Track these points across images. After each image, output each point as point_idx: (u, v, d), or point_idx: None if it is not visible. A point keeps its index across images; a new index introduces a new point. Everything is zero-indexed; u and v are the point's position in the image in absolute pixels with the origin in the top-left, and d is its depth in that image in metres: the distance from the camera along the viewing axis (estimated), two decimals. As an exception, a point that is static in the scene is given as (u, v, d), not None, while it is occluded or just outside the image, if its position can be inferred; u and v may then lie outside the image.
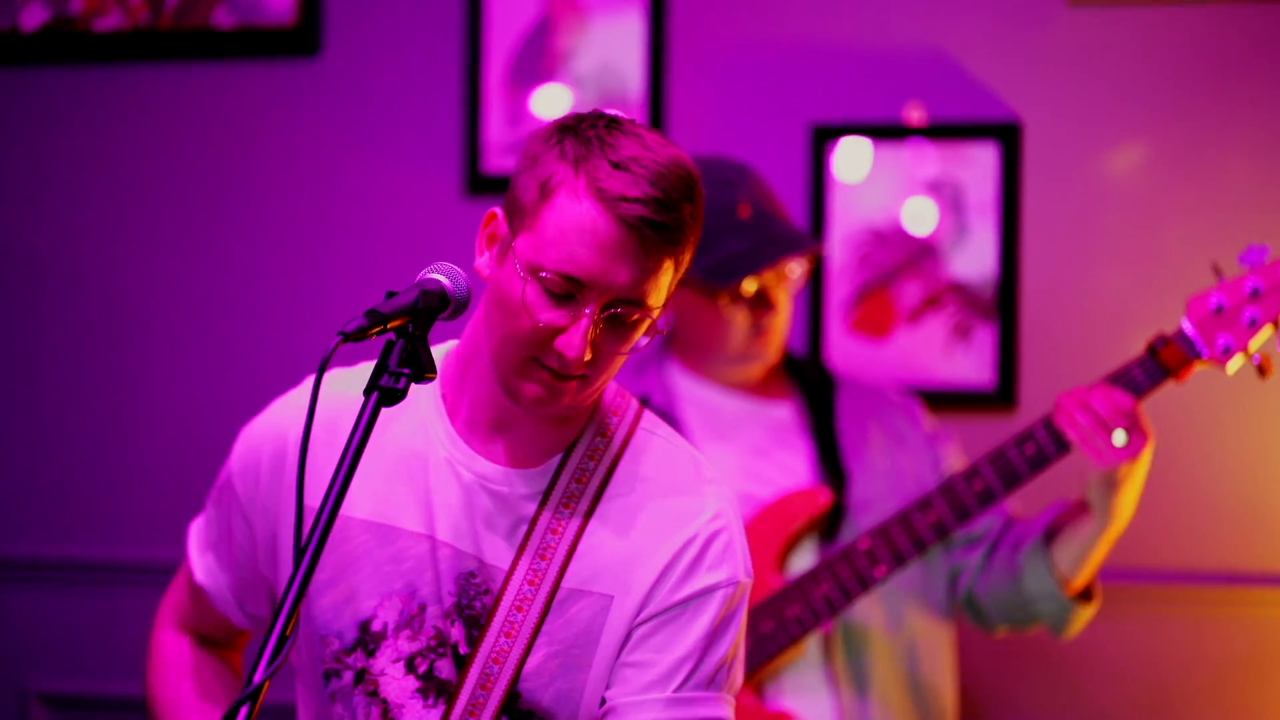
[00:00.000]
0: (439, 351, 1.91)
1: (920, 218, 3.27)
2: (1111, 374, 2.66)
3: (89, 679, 3.45)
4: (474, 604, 1.87)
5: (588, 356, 1.79)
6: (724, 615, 1.88)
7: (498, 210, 1.85)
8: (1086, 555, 2.75)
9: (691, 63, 3.37)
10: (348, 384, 1.91)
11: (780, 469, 2.91)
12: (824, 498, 2.85)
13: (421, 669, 1.88)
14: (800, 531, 2.85)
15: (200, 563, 2.04)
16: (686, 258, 1.84)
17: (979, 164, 3.26)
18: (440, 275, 1.77)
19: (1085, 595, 2.82)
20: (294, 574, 1.62)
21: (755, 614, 2.77)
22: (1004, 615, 2.85)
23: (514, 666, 1.85)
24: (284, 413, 1.97)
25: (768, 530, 2.84)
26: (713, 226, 2.79)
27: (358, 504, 1.88)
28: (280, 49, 3.49)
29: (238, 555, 1.99)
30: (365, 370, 1.93)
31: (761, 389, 2.96)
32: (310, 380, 1.97)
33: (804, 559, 2.85)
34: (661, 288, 1.81)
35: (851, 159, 3.29)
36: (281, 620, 1.60)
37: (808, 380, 2.97)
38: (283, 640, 1.59)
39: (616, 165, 1.77)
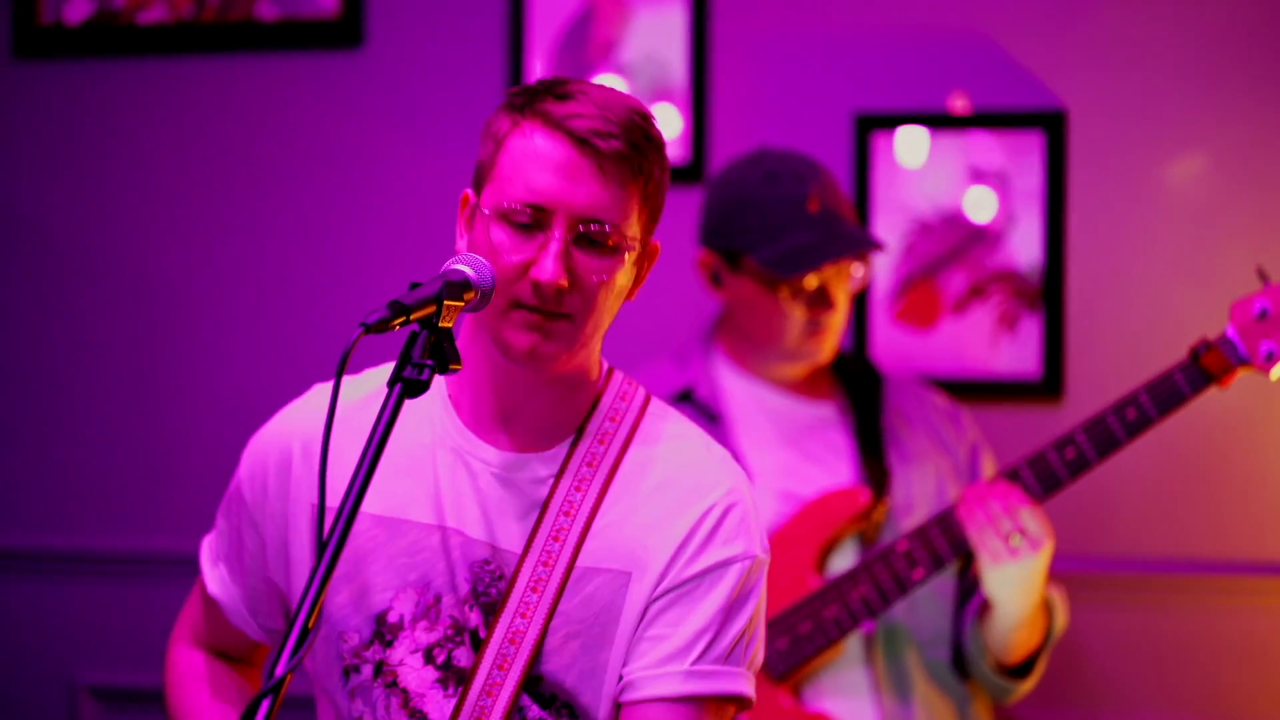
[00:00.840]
0: None
1: (981, 205, 3.24)
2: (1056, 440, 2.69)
3: (137, 671, 3.47)
4: (490, 590, 1.86)
5: (564, 282, 1.78)
6: (741, 589, 1.86)
7: (467, 190, 1.88)
8: (1002, 640, 2.76)
9: (734, 52, 3.36)
10: (352, 390, 1.92)
11: (822, 467, 2.90)
12: (864, 497, 2.83)
13: (440, 659, 1.87)
14: (839, 532, 2.83)
15: (213, 575, 2.02)
16: (655, 201, 1.85)
17: (1025, 152, 3.24)
18: (465, 266, 1.76)
19: (1025, 669, 2.82)
20: (315, 567, 1.61)
21: (793, 614, 2.76)
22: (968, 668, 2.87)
23: (531, 646, 1.84)
24: (290, 421, 1.97)
25: (807, 530, 2.83)
26: (781, 217, 2.80)
27: (367, 500, 1.83)
28: (323, 41, 3.50)
29: (249, 564, 1.98)
30: (369, 377, 1.96)
31: (807, 386, 2.95)
32: (318, 386, 1.99)
33: (845, 560, 2.83)
34: (630, 217, 1.82)
35: (910, 146, 3.26)
36: (304, 613, 1.59)
37: (854, 379, 2.96)
38: (305, 633, 1.59)
39: (562, 96, 1.82)
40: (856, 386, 2.95)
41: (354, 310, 3.45)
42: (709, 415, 2.90)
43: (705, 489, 1.87)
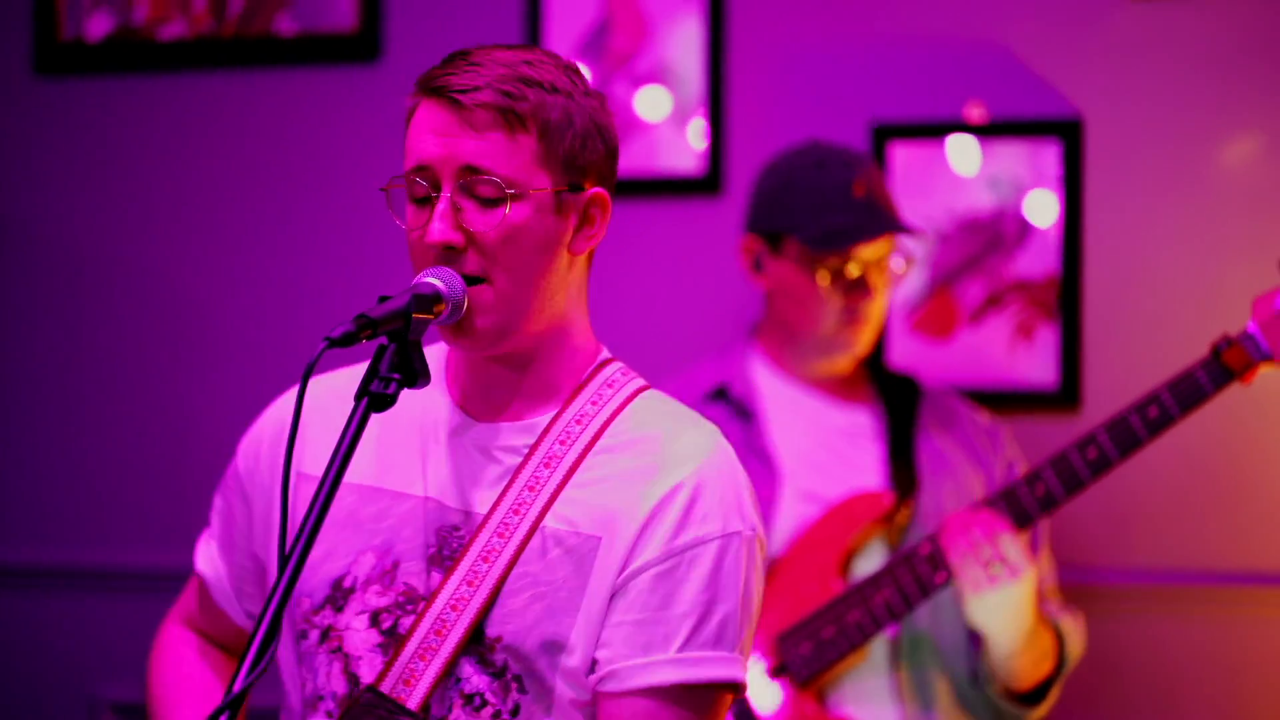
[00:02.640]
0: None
1: (1043, 209, 3.23)
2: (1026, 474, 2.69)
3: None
4: (457, 555, 1.82)
5: (454, 239, 1.77)
6: (724, 568, 1.78)
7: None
8: (1002, 667, 2.75)
9: (751, 62, 3.36)
10: (354, 375, 1.91)
11: (851, 469, 2.90)
12: (887, 500, 2.83)
13: (385, 624, 1.83)
14: (863, 535, 2.83)
15: (204, 553, 2.02)
16: (563, 145, 1.81)
17: (1040, 161, 3.23)
18: (435, 279, 1.75)
19: (1039, 695, 2.81)
20: (277, 581, 1.60)
21: (816, 619, 2.76)
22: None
23: (475, 613, 1.78)
24: (286, 399, 2.00)
25: (830, 534, 2.83)
26: (826, 199, 2.83)
27: (353, 471, 1.80)
28: (341, 55, 3.51)
29: (237, 539, 1.97)
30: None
31: (843, 389, 2.95)
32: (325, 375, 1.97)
33: (871, 564, 2.83)
34: (521, 162, 1.78)
35: (962, 154, 3.25)
36: (264, 625, 1.58)
37: (891, 387, 2.96)
38: (265, 644, 1.58)
39: (444, 63, 1.83)
40: (893, 395, 2.95)
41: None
42: (742, 412, 2.91)
43: (682, 458, 1.81)
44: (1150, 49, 3.21)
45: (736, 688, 1.81)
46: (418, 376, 1.70)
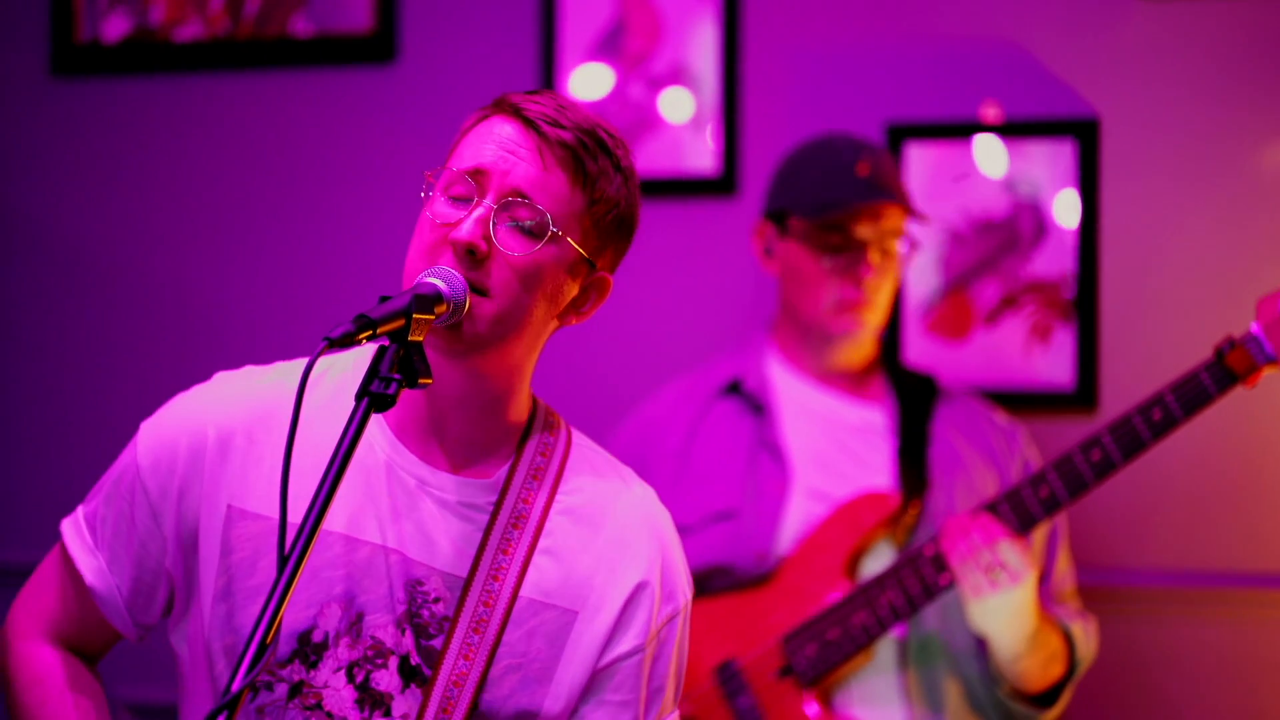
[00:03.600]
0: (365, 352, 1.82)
1: (1071, 209, 3.22)
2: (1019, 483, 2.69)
3: (173, 688, 3.49)
4: (421, 612, 1.82)
5: (480, 244, 1.77)
6: (684, 637, 1.92)
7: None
8: (1010, 670, 2.75)
9: (765, 63, 3.36)
10: (283, 374, 1.90)
11: (862, 467, 2.89)
12: (892, 501, 2.83)
13: (359, 679, 1.82)
14: (869, 536, 2.83)
15: (90, 563, 1.90)
16: (605, 222, 1.84)
17: (1057, 162, 3.23)
18: (436, 279, 1.75)
19: (1051, 697, 2.80)
20: (276, 581, 1.59)
21: (822, 620, 2.75)
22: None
23: (474, 688, 1.81)
24: (199, 408, 1.90)
25: (837, 534, 2.82)
26: (828, 176, 2.85)
27: (294, 508, 1.73)
28: (357, 56, 3.52)
29: (137, 553, 1.89)
30: (280, 370, 1.93)
31: (857, 387, 2.95)
32: (221, 374, 1.95)
33: (879, 565, 2.82)
34: (566, 213, 1.80)
35: (989, 155, 3.25)
36: (263, 628, 1.57)
37: (907, 387, 2.95)
38: (262, 649, 1.57)
39: (529, 92, 1.85)
40: (908, 393, 2.95)
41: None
42: (755, 406, 2.92)
43: (645, 532, 1.88)
44: (1166, 49, 3.21)
45: None
46: (418, 377, 1.70)
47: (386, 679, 1.82)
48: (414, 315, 1.70)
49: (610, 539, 1.86)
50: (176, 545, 1.88)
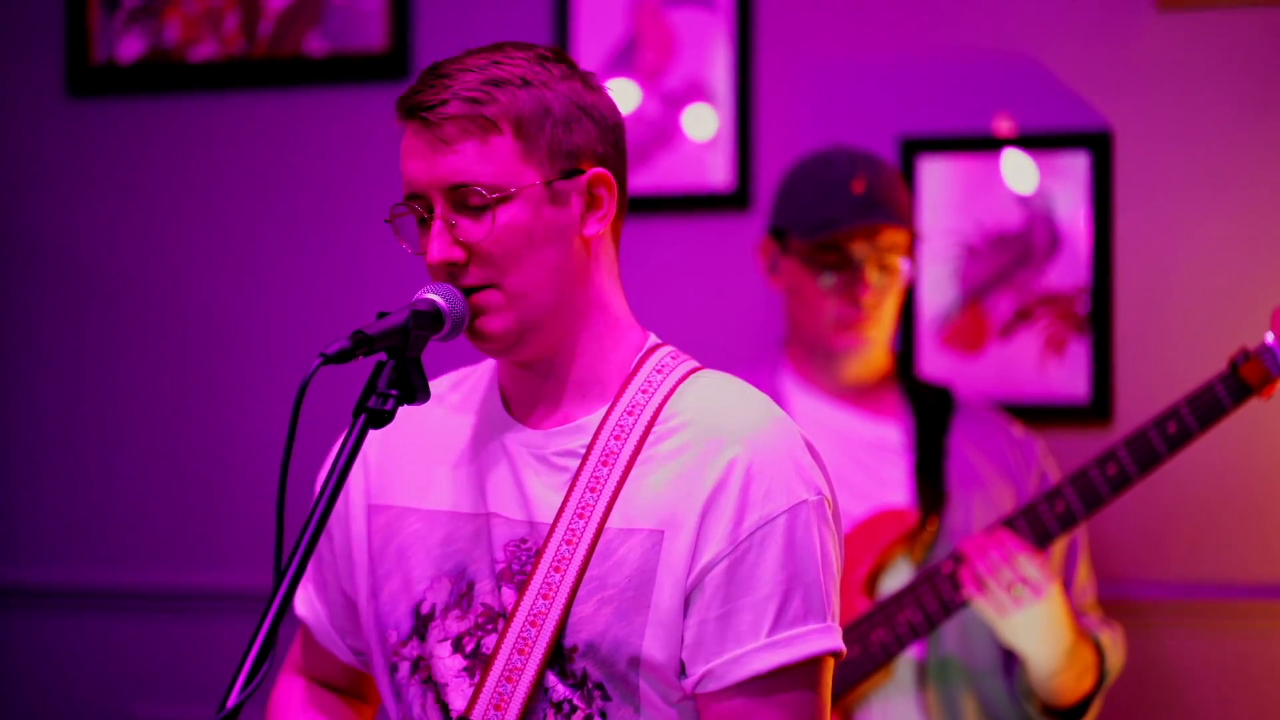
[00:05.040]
0: None
1: (1085, 222, 3.21)
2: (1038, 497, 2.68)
3: (191, 705, 3.50)
4: (526, 568, 1.80)
5: (455, 256, 1.76)
6: (797, 541, 1.74)
7: None
8: (1044, 686, 2.74)
9: (779, 77, 3.37)
10: (452, 383, 1.93)
11: (878, 484, 2.89)
12: (910, 518, 2.82)
13: (469, 648, 1.81)
14: (887, 553, 2.82)
15: (301, 595, 1.98)
16: (540, 132, 1.78)
17: (1070, 174, 3.23)
18: (435, 295, 1.75)
19: (1080, 710, 2.79)
20: (271, 596, 1.60)
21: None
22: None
23: (554, 626, 1.75)
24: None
25: (854, 552, 2.81)
26: (823, 193, 2.84)
27: (411, 495, 1.84)
28: (372, 74, 3.53)
29: (329, 578, 1.95)
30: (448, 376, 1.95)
31: (871, 403, 2.94)
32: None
33: (899, 583, 2.81)
34: (501, 164, 1.76)
35: (1018, 172, 3.24)
36: (263, 633, 1.58)
37: (923, 400, 2.95)
38: (259, 663, 1.57)
39: (417, 80, 1.82)
40: (924, 407, 2.94)
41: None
42: None
43: (731, 436, 1.76)
44: (1180, 60, 3.20)
45: (836, 655, 1.78)
46: (416, 393, 1.70)
47: (495, 642, 1.80)
48: (411, 331, 1.70)
49: (698, 451, 1.76)
50: (344, 561, 1.93)
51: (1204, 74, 3.20)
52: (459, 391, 1.93)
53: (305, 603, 1.98)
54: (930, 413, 2.93)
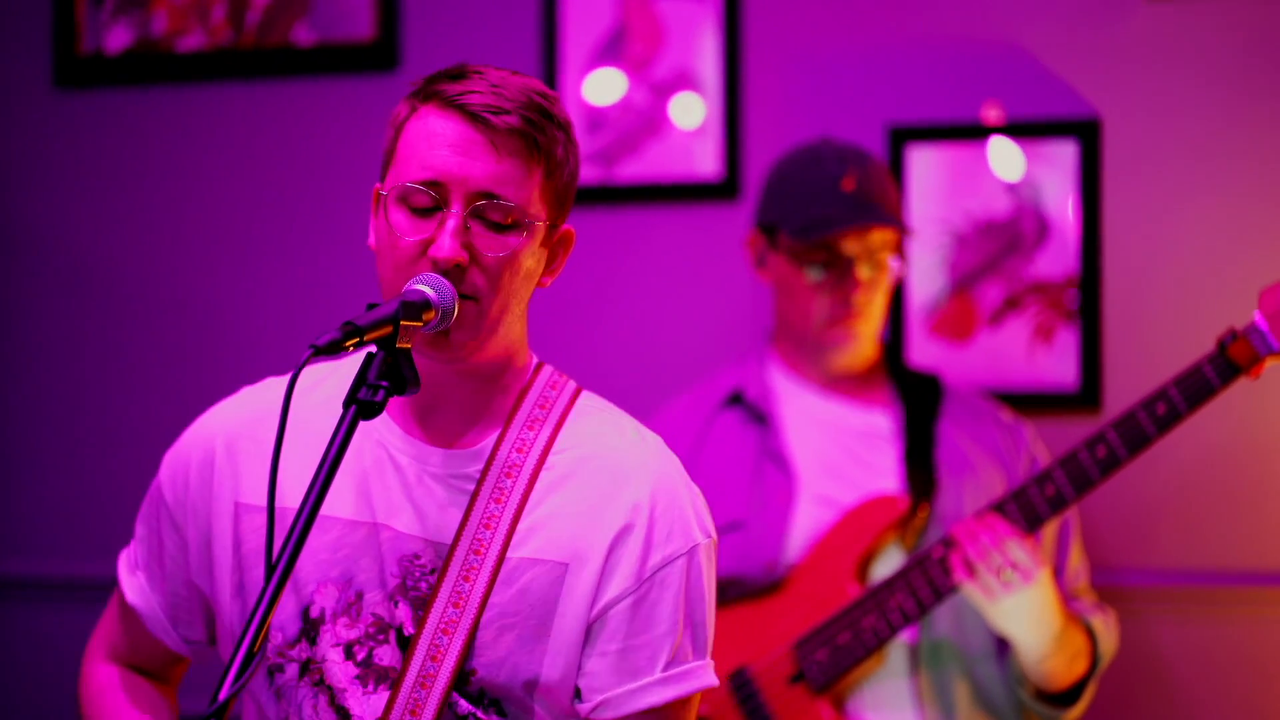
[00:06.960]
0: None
1: (1073, 209, 3.22)
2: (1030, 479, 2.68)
3: (188, 698, 3.49)
4: (420, 585, 1.83)
5: (463, 258, 1.77)
6: (691, 583, 1.84)
7: (378, 184, 1.86)
8: (1034, 671, 2.74)
9: (767, 66, 3.37)
10: (277, 387, 1.92)
11: (868, 472, 2.89)
12: (901, 505, 2.83)
13: (360, 656, 1.84)
14: (878, 540, 2.83)
15: (131, 583, 1.98)
16: (560, 183, 1.82)
17: (1058, 162, 3.23)
18: (425, 285, 1.75)
19: (1073, 695, 2.80)
20: (262, 592, 1.60)
21: (832, 625, 2.75)
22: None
23: (465, 635, 1.80)
24: (212, 422, 1.96)
25: (846, 538, 2.82)
26: (814, 192, 2.84)
27: (292, 496, 1.83)
28: (359, 65, 3.53)
29: (169, 568, 1.95)
30: (271, 385, 1.96)
31: (860, 391, 2.95)
32: (245, 390, 1.98)
33: (890, 569, 2.81)
34: (531, 194, 1.79)
35: (1005, 159, 3.25)
36: (250, 636, 1.58)
37: (911, 388, 2.95)
38: (250, 656, 1.58)
39: (457, 77, 1.81)
40: (913, 395, 2.95)
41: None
42: (757, 416, 2.92)
43: (635, 477, 1.84)
44: (1168, 48, 3.21)
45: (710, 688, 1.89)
46: (406, 384, 1.70)
47: (389, 654, 1.83)
48: (402, 322, 1.70)
49: (599, 488, 1.83)
50: (199, 555, 1.92)
51: (1192, 61, 3.20)
52: (323, 389, 1.92)
53: (137, 591, 1.98)
54: (919, 400, 2.94)
